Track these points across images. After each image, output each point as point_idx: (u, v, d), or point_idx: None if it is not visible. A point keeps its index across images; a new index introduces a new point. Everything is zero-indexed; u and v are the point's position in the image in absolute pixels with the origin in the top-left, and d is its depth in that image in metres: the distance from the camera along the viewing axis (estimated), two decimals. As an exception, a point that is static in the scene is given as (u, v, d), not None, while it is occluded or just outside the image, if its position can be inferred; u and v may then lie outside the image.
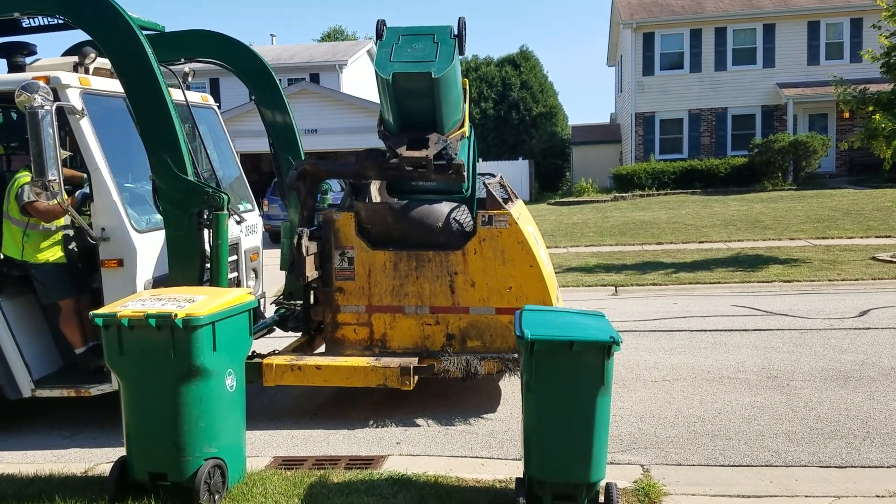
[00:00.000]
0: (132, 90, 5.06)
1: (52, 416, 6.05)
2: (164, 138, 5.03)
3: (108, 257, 5.32)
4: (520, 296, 5.62)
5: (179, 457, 4.09)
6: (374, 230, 5.81)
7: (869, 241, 14.96)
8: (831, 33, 26.64)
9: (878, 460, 4.73)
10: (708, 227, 17.61)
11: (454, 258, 5.69)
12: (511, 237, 5.64)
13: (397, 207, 5.88)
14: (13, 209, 5.51)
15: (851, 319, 8.66)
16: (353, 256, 5.76)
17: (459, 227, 5.76)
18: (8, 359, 5.45)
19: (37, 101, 4.72)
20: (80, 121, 5.28)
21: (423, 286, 5.72)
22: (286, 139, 7.14)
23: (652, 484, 4.31)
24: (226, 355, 4.24)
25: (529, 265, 5.65)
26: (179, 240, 5.13)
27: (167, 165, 5.01)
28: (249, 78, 6.97)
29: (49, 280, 5.57)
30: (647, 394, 6.20)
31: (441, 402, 6.13)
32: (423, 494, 4.17)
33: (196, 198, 5.04)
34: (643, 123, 28.06)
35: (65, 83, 5.28)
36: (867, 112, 13.72)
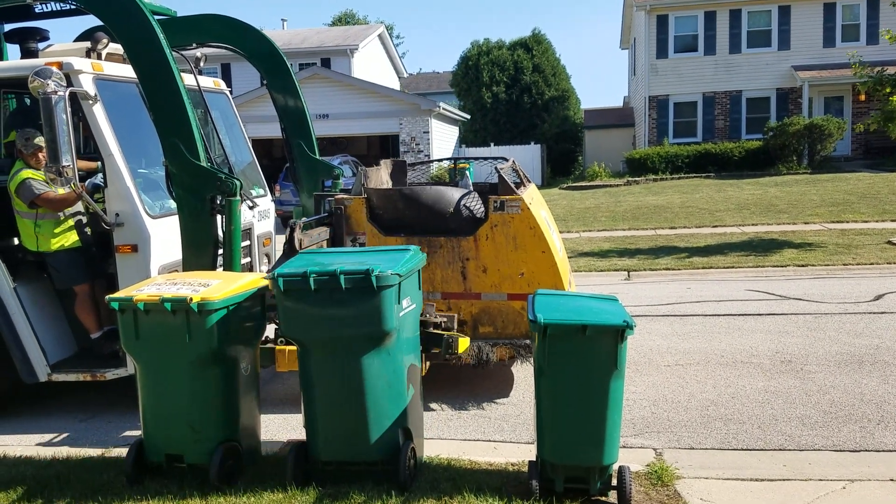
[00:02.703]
0: (145, 76, 5.06)
1: (67, 401, 6.12)
2: (176, 124, 5.03)
3: (123, 243, 5.34)
4: (532, 282, 5.60)
5: (195, 439, 4.14)
6: (385, 216, 5.80)
7: (884, 224, 14.82)
8: (847, 15, 26.32)
9: (892, 444, 4.72)
10: (722, 211, 17.50)
11: (466, 244, 5.67)
12: (523, 223, 5.61)
13: (408, 193, 5.87)
14: (19, 204, 5.54)
15: (866, 304, 8.60)
16: (364, 242, 5.75)
17: (471, 212, 5.75)
18: (24, 343, 5.50)
19: (50, 86, 4.72)
20: (93, 106, 5.28)
21: (435, 272, 5.71)
22: (298, 124, 7.14)
23: (665, 467, 4.31)
24: (240, 339, 4.27)
25: (542, 251, 5.63)
26: (192, 225, 5.14)
27: (180, 151, 5.01)
28: (261, 63, 6.96)
29: (63, 266, 5.61)
30: (660, 378, 6.20)
31: (453, 386, 6.15)
32: (436, 477, 4.20)
33: (209, 183, 5.05)
34: (657, 107, 27.86)
35: (77, 68, 5.28)
36: (884, 94, 13.57)
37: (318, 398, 4.04)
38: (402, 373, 4.09)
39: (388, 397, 4.03)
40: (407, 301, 4.12)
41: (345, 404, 3.99)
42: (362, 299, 3.86)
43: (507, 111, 34.55)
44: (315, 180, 7.24)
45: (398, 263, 4.01)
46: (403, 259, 4.10)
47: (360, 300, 3.87)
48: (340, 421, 4.03)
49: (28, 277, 5.73)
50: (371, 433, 4.00)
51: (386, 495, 3.90)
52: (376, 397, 3.98)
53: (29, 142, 5.62)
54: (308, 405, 4.09)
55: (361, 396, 3.96)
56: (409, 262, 4.14)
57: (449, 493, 3.98)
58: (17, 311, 5.51)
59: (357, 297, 3.86)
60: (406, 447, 4.04)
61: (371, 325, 3.90)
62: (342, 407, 4.01)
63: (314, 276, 3.87)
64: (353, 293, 3.86)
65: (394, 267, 3.93)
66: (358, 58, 32.51)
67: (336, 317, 3.91)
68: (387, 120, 27.08)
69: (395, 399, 4.06)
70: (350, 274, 3.86)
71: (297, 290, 3.92)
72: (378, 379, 3.98)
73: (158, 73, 5.00)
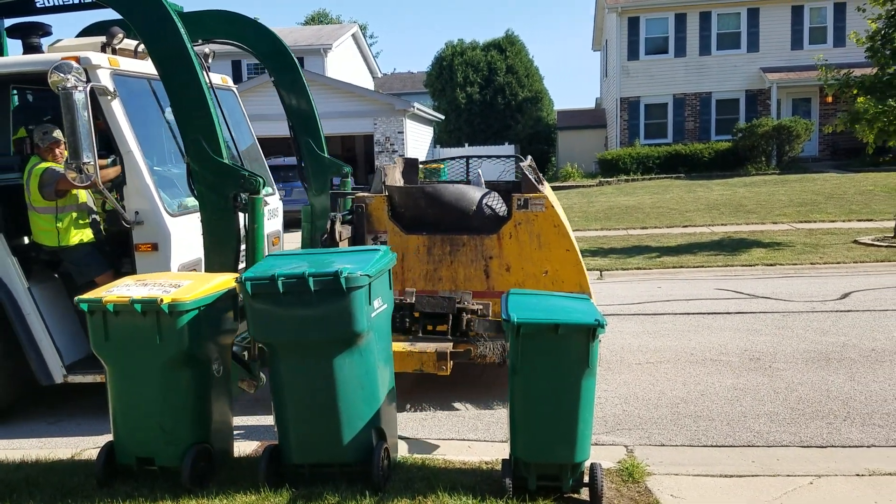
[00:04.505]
0: (167, 72, 4.95)
1: (36, 404, 6.02)
2: (199, 121, 4.94)
3: (143, 241, 5.26)
4: (556, 280, 5.58)
5: (166, 441, 4.10)
6: (407, 214, 5.75)
7: (851, 224, 15.10)
8: (815, 17, 26.76)
9: (858, 440, 4.81)
10: (692, 211, 17.71)
11: (489, 242, 5.63)
12: (547, 220, 5.59)
13: (431, 191, 5.84)
14: (37, 199, 5.43)
15: (833, 302, 8.76)
16: (385, 241, 5.71)
17: (493, 210, 5.71)
18: (40, 344, 5.39)
19: (70, 81, 4.64)
20: (111, 102, 5.19)
21: (458, 271, 5.68)
22: (306, 122, 7.06)
23: (636, 464, 4.36)
24: (212, 340, 4.24)
25: (566, 249, 5.61)
26: (215, 223, 5.05)
27: (202, 148, 4.92)
28: (267, 59, 6.89)
29: (85, 258, 5.52)
30: (631, 376, 6.26)
31: (427, 386, 6.16)
32: (410, 477, 4.20)
33: (232, 181, 4.96)
34: (628, 108, 28.12)
35: (95, 63, 5.19)
36: (850, 96, 13.81)
37: (290, 401, 4.02)
38: (374, 373, 4.09)
39: (360, 398, 4.02)
40: (378, 301, 4.12)
41: (317, 406, 3.98)
42: (332, 301, 3.85)
43: (481, 112, 34.65)
44: (324, 179, 7.19)
45: (368, 264, 4.00)
46: (373, 259, 4.10)
47: (330, 302, 3.85)
48: (313, 423, 4.01)
49: (41, 277, 5.64)
50: (344, 434, 3.99)
51: (360, 496, 3.89)
52: (349, 399, 3.98)
53: (46, 136, 5.53)
54: (279, 408, 4.07)
55: (333, 398, 3.95)
56: (379, 263, 4.14)
57: (423, 493, 3.98)
58: (31, 311, 5.41)
59: (327, 299, 3.84)
60: (380, 447, 4.04)
61: (342, 326, 3.89)
62: (314, 409, 3.99)
63: (282, 278, 3.85)
64: (322, 295, 3.84)
65: (363, 268, 3.93)
66: (331, 57, 32.35)
67: (306, 319, 3.89)
68: (361, 120, 26.97)
69: (368, 400, 4.06)
70: (319, 276, 3.84)
71: (266, 294, 3.89)
72: (350, 380, 3.97)
73: (181, 68, 4.91)
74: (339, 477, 4.06)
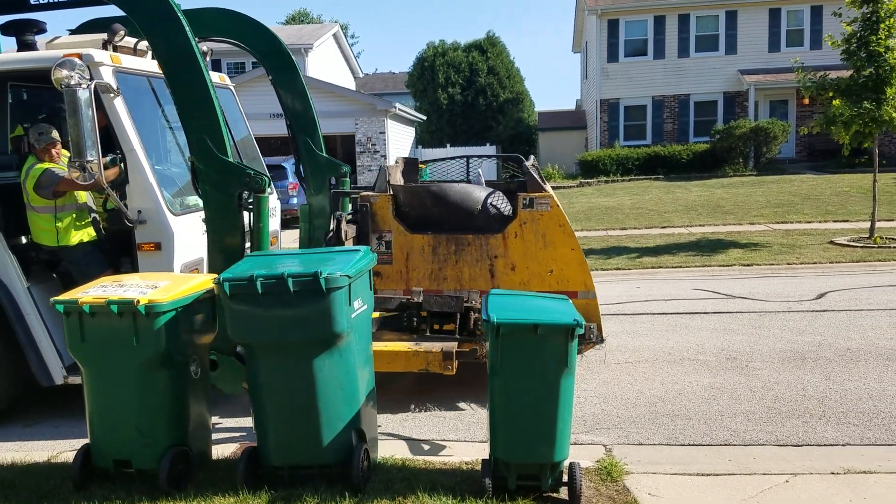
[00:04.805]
0: (171, 69, 4.90)
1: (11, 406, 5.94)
2: (204, 119, 4.89)
3: (146, 241, 5.22)
4: (561, 279, 5.60)
5: (144, 444, 4.07)
6: (412, 213, 5.74)
7: (827, 225, 15.29)
8: (792, 20, 27.05)
9: (833, 438, 4.87)
10: (671, 212, 17.84)
11: (494, 241, 5.63)
12: (553, 220, 5.60)
13: (436, 190, 5.83)
14: (35, 199, 5.37)
15: (809, 302, 8.86)
16: (390, 240, 5.69)
17: (498, 210, 5.71)
18: (39, 345, 5.32)
19: (74, 78, 4.59)
20: (114, 100, 5.14)
21: (463, 270, 5.67)
22: (305, 121, 7.01)
23: (614, 463, 4.39)
24: (190, 341, 4.22)
25: (571, 248, 5.62)
26: (219, 223, 5.00)
27: (207, 147, 4.87)
28: (266, 58, 6.83)
29: (86, 257, 5.46)
30: (610, 376, 6.30)
31: (408, 387, 6.16)
32: (390, 478, 4.20)
33: (237, 180, 4.91)
34: (608, 110, 28.27)
35: (98, 61, 5.13)
36: (827, 98, 13.98)
37: (269, 402, 4.01)
38: (354, 374, 4.08)
39: (340, 399, 4.02)
40: (358, 302, 4.12)
41: (296, 408, 3.96)
42: (312, 302, 3.83)
43: (463, 112, 34.68)
44: (322, 178, 7.14)
45: (348, 265, 4.00)
46: (353, 260, 4.10)
47: (310, 303, 3.84)
48: (292, 424, 4.00)
49: (40, 277, 5.57)
50: (324, 436, 3.98)
51: (339, 497, 3.88)
52: (328, 400, 3.97)
53: (42, 136, 5.46)
54: (258, 409, 4.05)
55: (313, 399, 3.94)
56: (360, 263, 4.13)
57: (403, 494, 3.99)
58: (31, 311, 5.34)
59: (306, 299, 3.83)
60: (359, 448, 4.03)
61: (322, 327, 3.88)
62: (294, 410, 3.97)
63: (261, 279, 3.83)
64: (301, 296, 3.83)
65: (343, 268, 3.92)
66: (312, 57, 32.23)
67: (285, 320, 3.87)
68: (342, 120, 26.90)
69: (348, 401, 4.05)
70: (298, 276, 3.83)
71: (244, 294, 3.86)
72: (330, 381, 3.97)
73: (186, 66, 4.86)
74: (318, 478, 4.05)
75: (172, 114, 6.06)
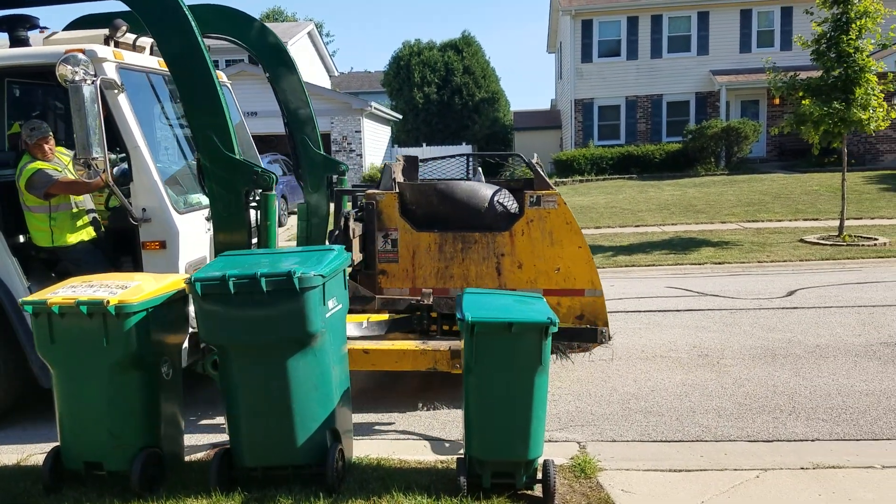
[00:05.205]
0: (178, 66, 4.84)
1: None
2: (211, 116, 4.83)
3: (150, 239, 5.14)
4: (568, 277, 5.60)
5: (115, 446, 4.02)
6: (418, 211, 5.72)
7: (797, 223, 15.52)
8: (763, 21, 27.38)
9: (803, 434, 4.95)
10: (644, 211, 17.99)
11: (501, 239, 5.62)
12: (559, 217, 5.61)
13: (443, 188, 5.81)
14: (29, 198, 5.27)
15: (779, 299, 8.99)
16: (396, 238, 5.67)
17: (505, 208, 5.70)
18: None
19: (79, 74, 4.51)
20: (118, 96, 5.06)
21: (469, 268, 5.66)
22: (303, 119, 6.96)
23: (588, 460, 4.42)
24: (161, 342, 4.17)
25: (578, 246, 5.63)
26: (226, 220, 4.95)
27: (214, 144, 4.81)
28: (263, 56, 6.77)
29: (84, 257, 5.37)
30: (584, 373, 6.34)
31: (384, 386, 6.15)
32: (365, 477, 4.19)
33: (244, 177, 4.86)
34: (582, 110, 28.42)
35: (101, 56, 5.06)
36: (797, 98, 14.19)
37: (242, 403, 3.98)
38: (329, 374, 4.07)
39: (315, 400, 4.00)
40: (333, 302, 4.10)
41: (270, 409, 3.94)
42: (285, 302, 3.81)
43: (439, 112, 34.67)
44: (320, 176, 7.08)
45: (322, 264, 3.98)
46: (327, 259, 4.08)
47: (283, 303, 3.81)
48: (266, 425, 3.98)
49: (39, 276, 5.47)
50: (298, 436, 3.96)
51: (314, 497, 3.87)
52: (303, 400, 3.95)
53: (34, 132, 5.37)
54: (231, 410, 4.02)
55: (287, 400, 3.92)
56: (334, 263, 4.12)
57: (378, 493, 3.98)
58: None
59: (280, 299, 3.81)
60: (334, 449, 4.02)
61: (295, 327, 3.86)
62: (267, 411, 3.95)
63: (233, 279, 3.80)
64: (275, 296, 3.80)
65: (317, 268, 3.91)
66: (285, 56, 32.02)
67: (258, 320, 3.85)
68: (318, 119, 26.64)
69: (323, 401, 4.04)
70: (271, 276, 3.80)
71: (217, 294, 3.83)
72: (304, 381, 3.95)
73: (192, 62, 4.80)
74: (292, 479, 4.03)
75: (172, 111, 6.03)
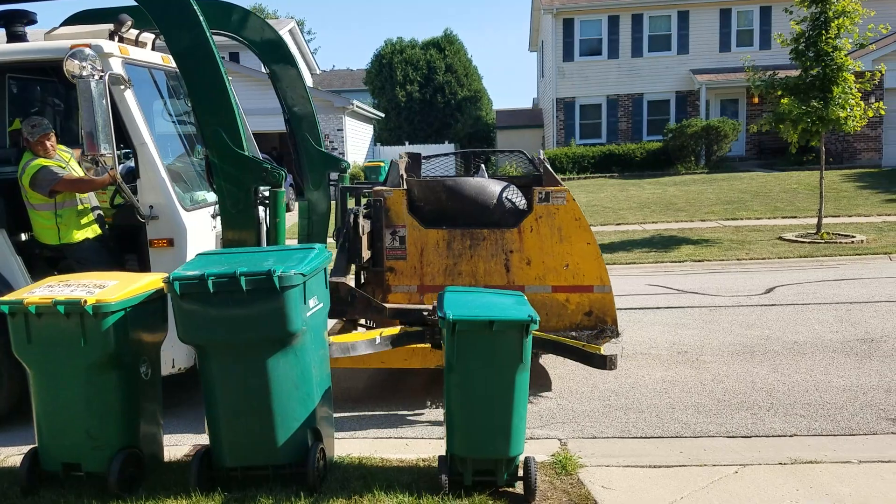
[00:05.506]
0: (187, 62, 4.79)
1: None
2: (220, 112, 4.79)
3: (158, 237, 5.10)
4: (577, 273, 5.61)
5: (93, 447, 3.99)
6: (426, 207, 5.70)
7: (776, 221, 15.67)
8: (742, 21, 27.60)
9: (781, 429, 5.00)
10: (625, 209, 18.08)
11: (510, 236, 5.62)
12: (568, 214, 5.61)
13: (452, 184, 5.80)
14: (33, 196, 5.20)
15: (758, 296, 9.07)
16: (404, 235, 5.64)
17: (513, 204, 5.70)
18: None
19: (87, 69, 4.45)
20: (124, 92, 5.00)
21: (478, 265, 5.64)
22: (304, 116, 6.91)
23: (568, 457, 4.44)
24: (140, 342, 4.14)
25: (587, 242, 5.64)
26: (234, 218, 4.90)
27: (223, 141, 4.76)
28: (263, 52, 6.72)
29: (91, 255, 5.31)
30: (565, 370, 6.37)
31: (365, 385, 6.14)
32: (346, 476, 4.18)
33: (253, 174, 4.82)
34: (564, 108, 28.51)
35: (107, 52, 5.00)
36: (775, 97, 14.30)
37: (222, 403, 3.95)
38: (309, 373, 4.06)
39: (295, 399, 3.99)
40: (314, 301, 4.09)
41: (250, 409, 3.92)
42: (265, 301, 3.79)
43: (422, 110, 34.67)
44: (321, 174, 7.03)
45: (302, 263, 3.97)
46: (308, 258, 4.07)
47: (263, 302, 3.79)
48: (246, 425, 3.95)
49: (42, 275, 5.37)
50: (278, 436, 3.95)
51: (294, 497, 3.86)
52: (283, 400, 3.93)
53: (35, 128, 5.29)
54: (211, 410, 3.99)
55: (267, 400, 3.90)
56: (314, 261, 4.11)
57: (359, 492, 3.97)
58: None
59: (260, 298, 3.79)
60: (315, 448, 4.01)
61: (276, 326, 3.84)
62: (247, 411, 3.93)
63: (212, 278, 3.77)
64: (255, 295, 3.78)
65: (297, 266, 3.89)
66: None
67: (238, 319, 3.82)
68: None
69: (304, 400, 4.03)
70: (251, 275, 3.78)
71: (195, 294, 3.80)
72: (285, 381, 3.93)
73: (200, 57, 4.75)
74: (273, 479, 4.01)
75: (174, 107, 5.98)
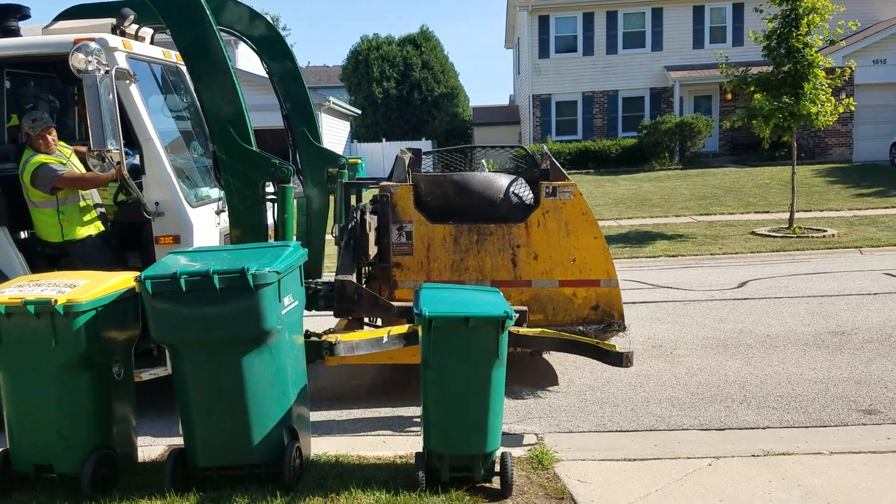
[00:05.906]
0: (193, 57, 4.73)
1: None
2: (228, 107, 4.73)
3: (164, 233, 5.05)
4: (584, 268, 5.61)
5: (65, 447, 3.94)
6: (433, 203, 5.68)
7: (749, 216, 15.85)
8: (715, 18, 27.83)
9: (753, 422, 5.06)
10: (601, 205, 18.19)
11: (517, 231, 5.60)
12: (575, 208, 5.61)
13: (459, 179, 5.78)
14: (35, 194, 5.11)
15: (731, 290, 9.18)
16: (411, 231, 5.62)
17: (520, 199, 5.69)
18: None
19: (93, 64, 4.38)
20: (129, 87, 4.93)
21: (485, 260, 5.63)
22: (302, 111, 6.85)
23: (545, 451, 4.46)
24: (112, 342, 4.09)
25: (594, 236, 5.64)
26: (242, 214, 4.85)
27: (231, 136, 4.70)
28: (261, 47, 6.65)
29: (95, 252, 5.23)
30: (541, 366, 6.40)
31: (341, 382, 6.12)
32: (323, 475, 4.17)
33: (261, 170, 4.76)
34: (540, 105, 28.59)
35: (112, 46, 4.93)
36: (748, 93, 14.45)
37: (196, 402, 3.91)
38: (285, 372, 4.04)
39: (271, 398, 3.96)
40: (289, 298, 4.07)
41: (225, 408, 3.89)
42: (239, 299, 3.76)
43: (398, 107, 34.54)
44: (320, 169, 6.95)
45: (276, 260, 3.94)
46: (282, 256, 4.04)
47: (237, 300, 3.76)
48: (221, 425, 3.92)
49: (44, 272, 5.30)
50: (254, 435, 3.92)
51: (270, 496, 3.84)
52: (258, 398, 3.91)
53: (36, 122, 5.19)
54: (185, 410, 3.95)
55: (242, 398, 3.87)
56: (289, 259, 4.08)
57: (336, 490, 3.96)
58: None
59: (233, 297, 3.76)
60: (291, 447, 3.99)
61: (250, 325, 3.81)
62: (222, 410, 3.90)
63: (185, 276, 3.73)
64: (228, 293, 3.75)
65: (272, 264, 3.87)
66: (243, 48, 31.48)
67: (211, 318, 3.78)
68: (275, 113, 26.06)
69: (279, 399, 4.00)
70: (224, 273, 3.75)
71: (168, 292, 3.76)
72: (260, 379, 3.91)
73: (207, 52, 4.69)
74: (248, 479, 3.98)
75: (175, 102, 5.91)
